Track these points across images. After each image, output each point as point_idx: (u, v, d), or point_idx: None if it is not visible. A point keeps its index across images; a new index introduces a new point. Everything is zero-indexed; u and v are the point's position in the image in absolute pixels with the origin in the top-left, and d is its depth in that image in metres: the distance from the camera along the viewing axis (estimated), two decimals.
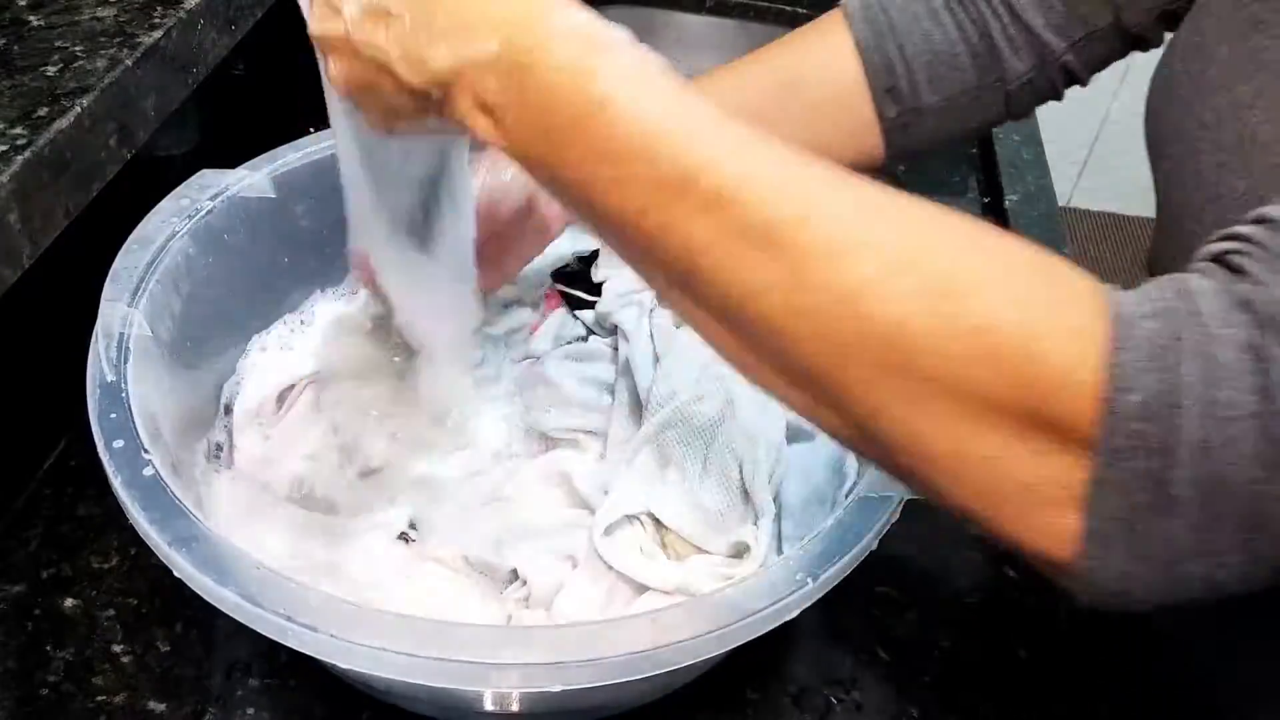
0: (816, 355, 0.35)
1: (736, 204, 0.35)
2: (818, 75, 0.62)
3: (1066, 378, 0.32)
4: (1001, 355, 0.32)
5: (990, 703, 0.61)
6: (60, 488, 0.68)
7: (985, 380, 0.33)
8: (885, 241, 0.34)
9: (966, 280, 0.33)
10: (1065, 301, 0.33)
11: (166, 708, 0.57)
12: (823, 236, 0.34)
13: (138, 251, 0.59)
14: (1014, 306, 0.33)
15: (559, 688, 0.44)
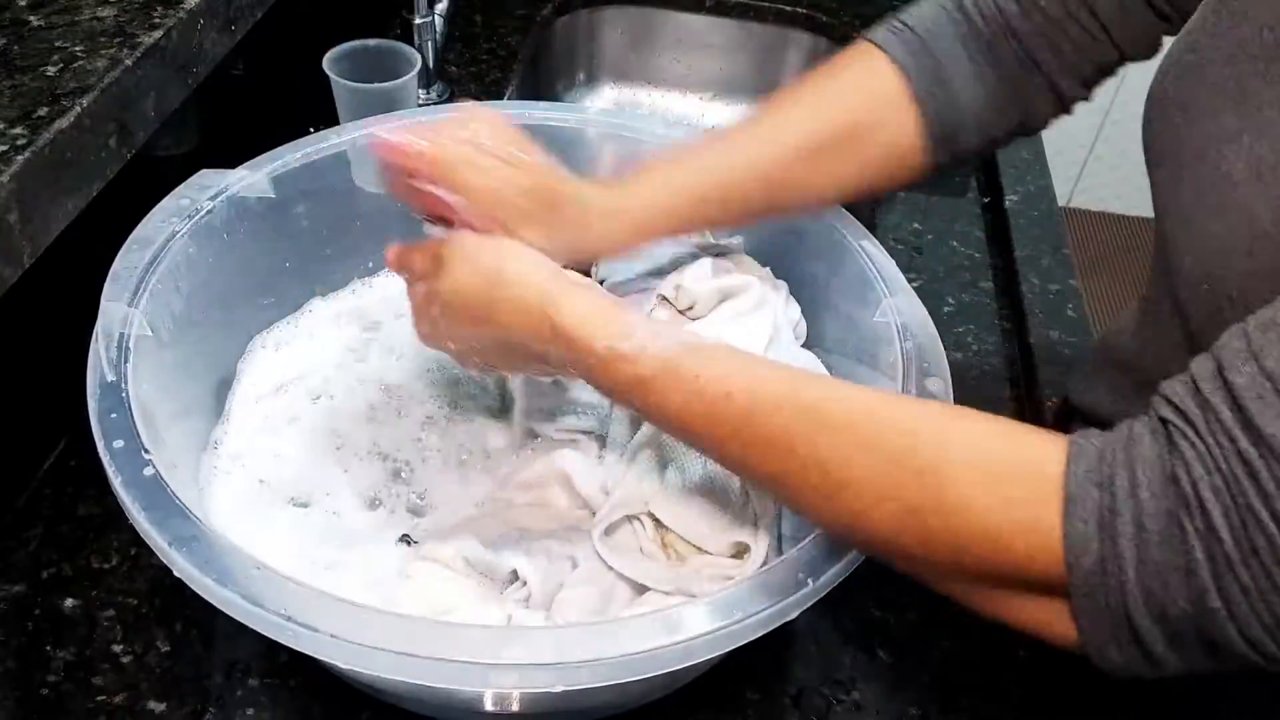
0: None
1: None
2: (876, 124, 0.63)
3: (1033, 560, 0.41)
4: (979, 553, 0.42)
5: (990, 703, 0.61)
6: (60, 488, 0.68)
7: (973, 569, 0.43)
8: (865, 479, 0.44)
9: (937, 497, 0.42)
10: (1021, 498, 0.41)
11: (166, 708, 0.57)
12: (813, 484, 0.46)
13: (138, 251, 0.59)
14: (979, 513, 0.42)
15: (559, 688, 0.44)
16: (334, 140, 0.70)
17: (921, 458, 0.43)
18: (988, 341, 0.87)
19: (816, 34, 1.30)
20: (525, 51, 1.18)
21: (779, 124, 0.64)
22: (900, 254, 0.93)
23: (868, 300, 0.64)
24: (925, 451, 0.44)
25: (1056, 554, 0.40)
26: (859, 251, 0.66)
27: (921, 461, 0.43)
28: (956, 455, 0.43)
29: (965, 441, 0.44)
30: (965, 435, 0.44)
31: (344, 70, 0.86)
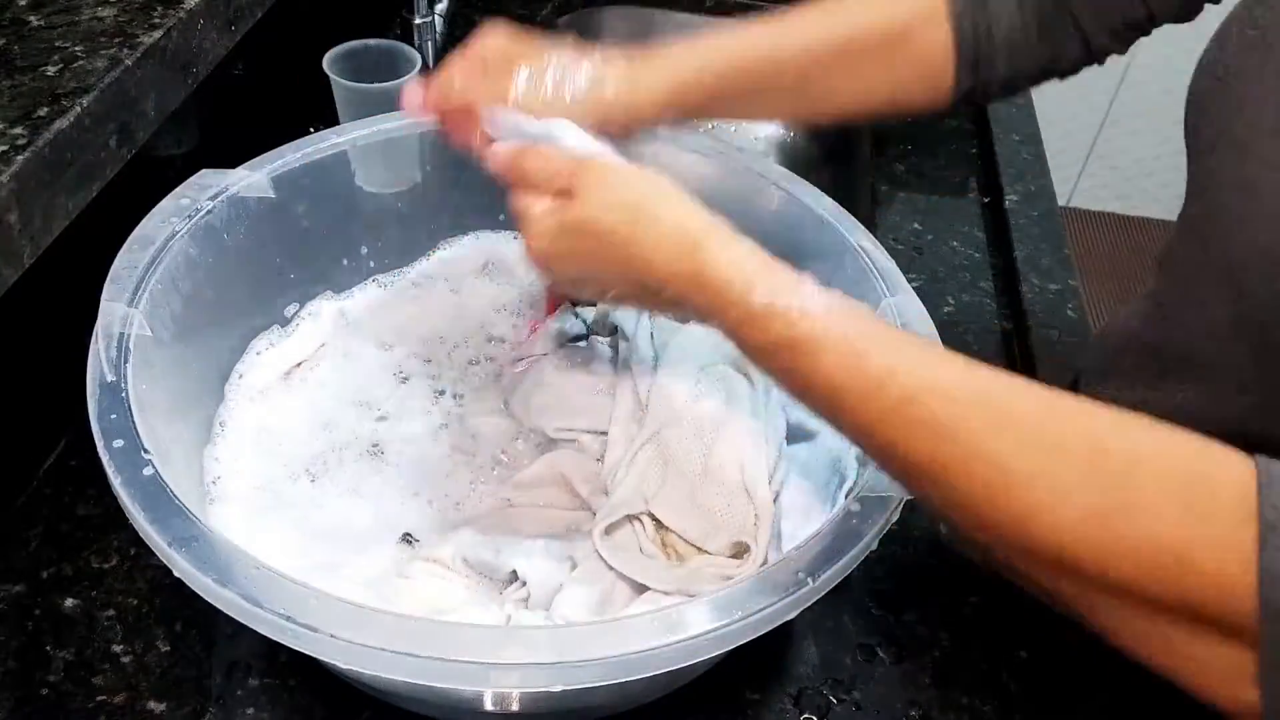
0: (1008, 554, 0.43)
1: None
2: (911, 34, 0.63)
3: (1221, 586, 0.37)
4: (1162, 569, 0.38)
5: (990, 703, 0.61)
6: (60, 488, 0.68)
7: (1151, 590, 0.38)
8: (1046, 475, 0.40)
9: (1126, 502, 0.39)
10: (1215, 512, 0.38)
11: (166, 708, 0.57)
12: (977, 476, 0.42)
13: (138, 251, 0.59)
14: (1169, 524, 0.38)
15: (559, 688, 0.43)
16: (334, 140, 0.70)
17: (1113, 459, 0.40)
18: (988, 342, 0.87)
19: None
20: None
21: (815, 18, 0.63)
22: (900, 254, 0.93)
23: (868, 300, 0.64)
24: (1116, 453, 0.40)
25: (1249, 583, 0.36)
26: (859, 251, 0.66)
27: (1113, 463, 0.40)
28: (1149, 461, 0.40)
29: (1157, 448, 0.40)
30: (1156, 442, 0.41)
31: (344, 70, 0.86)
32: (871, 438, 0.46)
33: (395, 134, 0.73)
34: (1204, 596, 0.38)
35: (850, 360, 0.45)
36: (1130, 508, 0.39)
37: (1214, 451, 0.40)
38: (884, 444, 0.45)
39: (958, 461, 0.42)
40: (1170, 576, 0.38)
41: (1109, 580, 0.40)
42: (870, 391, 0.44)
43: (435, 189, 0.78)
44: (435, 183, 0.78)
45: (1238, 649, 0.37)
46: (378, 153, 0.73)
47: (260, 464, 0.64)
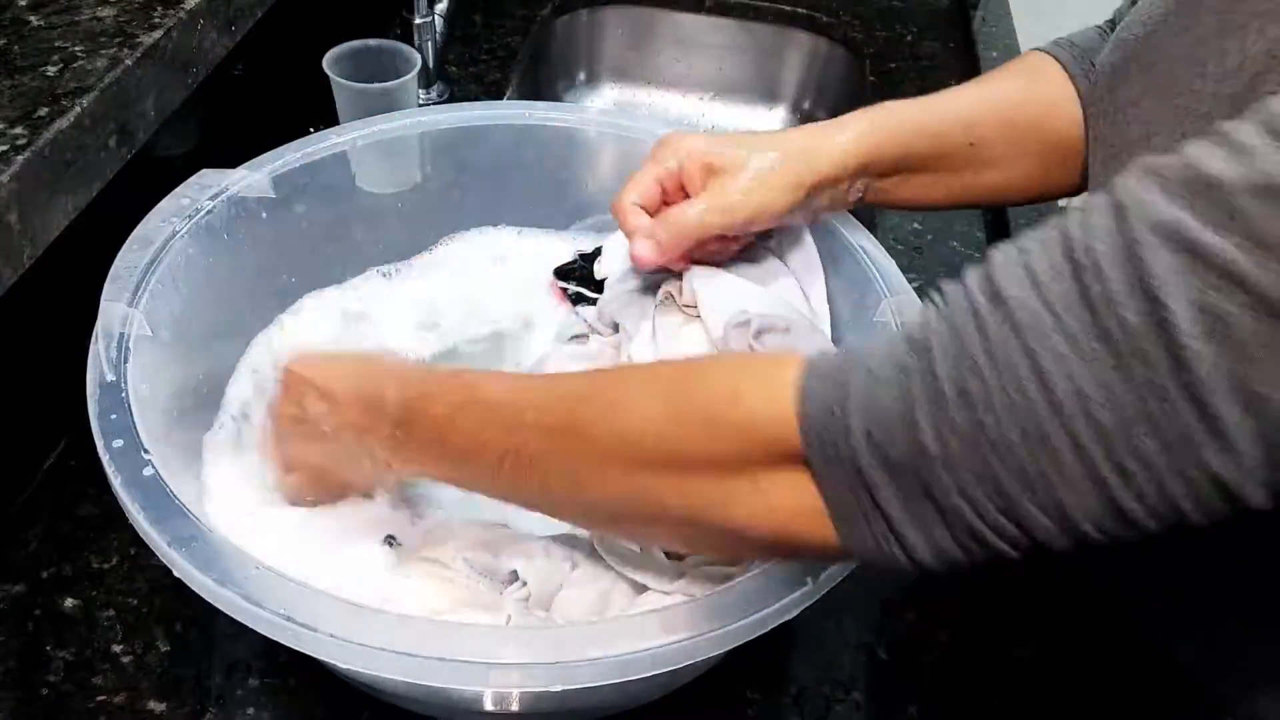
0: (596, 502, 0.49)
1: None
2: (1053, 115, 0.65)
3: (769, 420, 0.41)
4: (721, 415, 0.43)
5: (990, 703, 0.61)
6: (60, 488, 0.68)
7: (720, 442, 0.43)
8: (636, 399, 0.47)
9: (695, 391, 0.45)
10: (763, 370, 0.44)
11: (166, 708, 0.57)
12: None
13: (138, 251, 0.59)
14: (723, 378, 0.45)
15: (559, 688, 0.44)
16: (334, 140, 0.70)
17: (672, 370, 0.48)
18: None
19: (816, 34, 1.30)
20: (525, 51, 1.19)
21: (981, 91, 0.67)
22: (900, 254, 0.93)
23: (867, 300, 0.64)
24: (675, 366, 0.49)
25: (792, 407, 0.41)
26: (858, 251, 0.66)
27: (674, 372, 0.48)
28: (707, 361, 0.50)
29: (710, 367, 0.49)
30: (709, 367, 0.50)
31: (344, 70, 0.86)
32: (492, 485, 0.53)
33: (395, 134, 0.73)
34: (757, 430, 0.42)
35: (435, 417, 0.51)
36: (691, 388, 0.45)
37: None
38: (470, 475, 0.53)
39: (515, 429, 0.48)
40: (727, 418, 0.43)
41: (678, 453, 0.44)
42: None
43: (435, 189, 0.78)
44: (435, 183, 0.78)
45: (803, 479, 0.41)
46: (378, 153, 0.73)
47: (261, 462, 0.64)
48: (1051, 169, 0.65)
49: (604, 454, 0.46)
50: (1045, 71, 0.66)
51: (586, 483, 0.47)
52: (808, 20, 1.29)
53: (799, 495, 0.41)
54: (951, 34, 1.30)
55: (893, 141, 0.64)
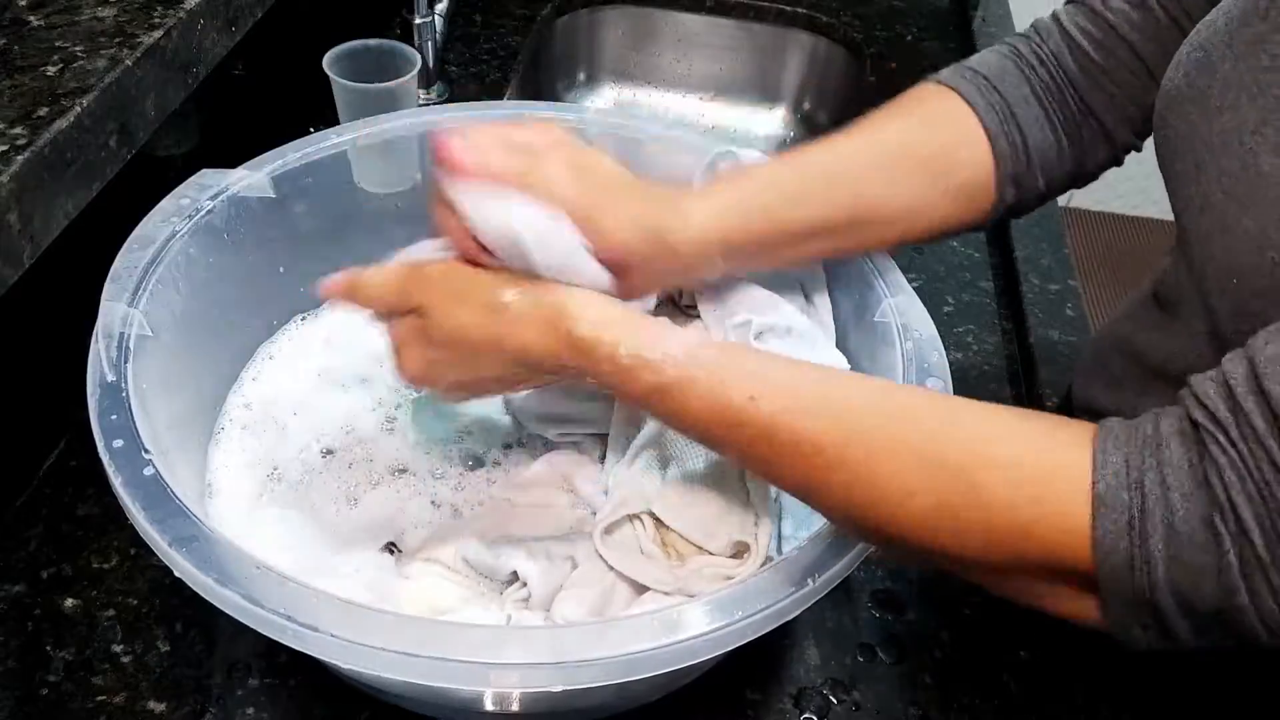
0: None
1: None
2: (955, 156, 0.63)
3: (1062, 555, 0.42)
4: (1008, 546, 0.43)
5: (990, 703, 0.61)
6: (60, 488, 0.68)
7: (1003, 560, 0.44)
8: (896, 475, 0.45)
9: (967, 493, 0.43)
10: (1051, 494, 0.42)
11: (166, 708, 0.57)
12: (842, 484, 0.46)
13: (138, 251, 0.59)
14: (1009, 510, 0.43)
15: (559, 688, 0.43)
16: (334, 140, 0.70)
17: (952, 454, 0.44)
18: (988, 341, 0.87)
19: (816, 34, 1.30)
20: (525, 51, 1.19)
21: (862, 144, 0.62)
22: (900, 254, 0.93)
23: (868, 300, 0.64)
24: (954, 447, 0.44)
25: (1085, 553, 0.41)
26: None
27: (953, 457, 0.44)
28: (986, 451, 0.44)
29: (993, 437, 0.44)
30: (994, 430, 0.45)
31: (344, 70, 0.86)
32: (749, 463, 0.50)
33: (395, 134, 0.73)
34: (1048, 563, 0.42)
35: (714, 397, 0.48)
36: (974, 498, 0.43)
37: (1054, 431, 0.44)
38: (760, 468, 0.50)
39: (820, 473, 0.46)
40: (1018, 551, 0.43)
41: (965, 556, 0.44)
42: (736, 423, 0.47)
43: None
44: None
45: (1083, 587, 0.42)
46: (378, 153, 0.73)
47: (261, 464, 0.64)
48: (958, 211, 0.63)
49: (860, 517, 0.46)
50: (944, 109, 0.63)
51: (859, 509, 0.47)
52: (808, 20, 1.30)
53: (1076, 598, 0.43)
54: (951, 34, 1.30)
55: (750, 229, 0.59)
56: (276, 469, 0.64)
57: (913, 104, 0.65)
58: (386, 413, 0.69)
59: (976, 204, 0.64)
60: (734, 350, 0.51)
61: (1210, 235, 0.51)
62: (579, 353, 0.50)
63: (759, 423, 0.47)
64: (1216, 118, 0.51)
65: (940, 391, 0.56)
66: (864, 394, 0.48)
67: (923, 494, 0.44)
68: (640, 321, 0.51)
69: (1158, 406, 0.42)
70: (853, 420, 0.46)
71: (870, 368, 0.63)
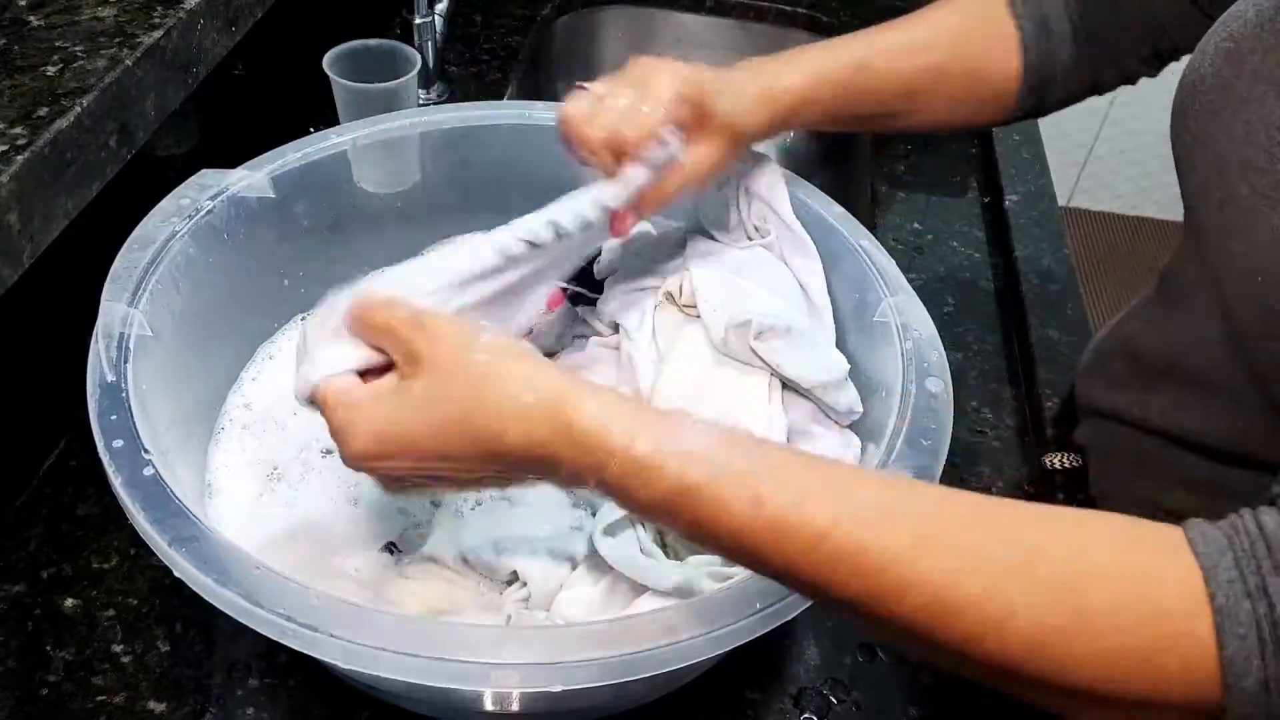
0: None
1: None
2: (989, 58, 0.68)
3: (1187, 680, 0.37)
4: (1124, 672, 0.37)
5: (990, 703, 0.61)
6: (60, 488, 0.68)
7: (1116, 690, 0.37)
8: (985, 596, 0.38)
9: (1076, 613, 0.37)
10: (1167, 610, 0.37)
11: (166, 708, 0.57)
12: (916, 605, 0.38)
13: (138, 251, 0.59)
14: (1124, 630, 0.37)
15: (559, 688, 0.43)
16: (334, 140, 0.70)
17: (1054, 568, 0.38)
18: (988, 341, 0.87)
19: (816, 34, 1.30)
20: (525, 51, 1.18)
21: (912, 38, 0.68)
22: (900, 254, 0.93)
23: (867, 300, 0.64)
24: (1056, 560, 0.38)
25: (1213, 675, 0.36)
26: (859, 251, 0.66)
27: (1055, 572, 0.38)
28: (1091, 563, 0.38)
29: (1095, 547, 0.39)
30: (1092, 539, 0.39)
31: (344, 70, 0.86)
32: (796, 579, 0.41)
33: (395, 134, 0.73)
34: (1170, 691, 0.37)
35: (753, 503, 0.40)
36: (1081, 618, 0.37)
37: (1151, 537, 0.39)
38: (809, 583, 0.41)
39: (889, 592, 0.39)
40: (1134, 678, 0.37)
41: (1071, 686, 0.38)
42: (783, 533, 0.40)
43: (435, 189, 0.78)
44: (435, 183, 0.78)
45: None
46: (378, 153, 0.73)
47: (261, 464, 0.64)
48: (982, 108, 0.70)
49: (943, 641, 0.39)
50: (990, 16, 0.68)
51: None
52: (808, 20, 1.29)
53: None
54: None
55: (823, 94, 0.65)
56: (276, 469, 0.64)
57: (962, 5, 0.70)
58: None
59: (1001, 104, 0.69)
60: (767, 448, 0.43)
61: (1231, 231, 0.50)
62: (581, 447, 0.42)
63: (809, 533, 0.39)
64: (1241, 110, 0.50)
65: (940, 392, 0.56)
66: (930, 495, 0.42)
67: (1024, 614, 0.37)
68: (655, 413, 0.43)
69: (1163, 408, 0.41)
70: (924, 526, 0.39)
71: (870, 367, 0.63)
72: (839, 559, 0.39)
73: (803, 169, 0.72)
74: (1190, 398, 0.58)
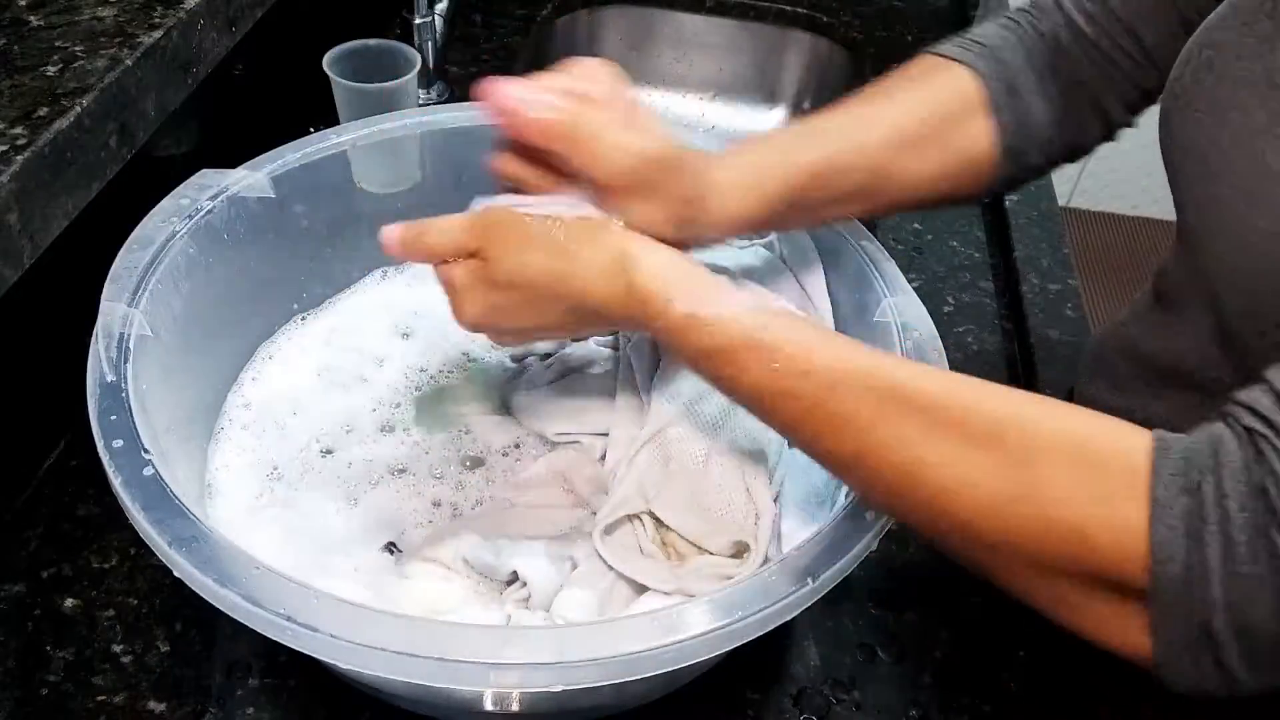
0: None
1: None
2: (960, 127, 0.63)
3: (1117, 560, 0.40)
4: (1063, 545, 0.41)
5: (990, 703, 0.61)
6: (60, 488, 0.68)
7: (1054, 561, 0.42)
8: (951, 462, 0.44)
9: (1027, 486, 0.42)
10: (1110, 493, 0.41)
11: (166, 708, 0.57)
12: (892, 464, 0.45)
13: (138, 251, 0.59)
14: (1068, 507, 0.41)
15: (559, 688, 0.43)
16: (334, 140, 0.70)
17: (1011, 443, 0.43)
18: (988, 341, 0.87)
19: (816, 34, 1.30)
20: (525, 51, 1.18)
21: (877, 112, 0.63)
22: (900, 254, 0.93)
23: (867, 300, 0.64)
24: (1015, 437, 0.43)
25: (1142, 556, 0.39)
26: (858, 251, 0.66)
27: (1012, 447, 0.43)
28: (1047, 443, 0.42)
29: (1055, 429, 0.43)
30: (1054, 423, 0.43)
31: (344, 70, 0.86)
32: (797, 433, 0.49)
33: (395, 134, 0.73)
34: (1102, 567, 0.41)
35: (768, 363, 0.47)
36: (1031, 492, 0.42)
37: (1114, 431, 0.43)
38: (809, 439, 0.48)
39: (873, 450, 0.45)
40: (1071, 551, 0.41)
41: (1015, 554, 0.43)
42: (789, 392, 0.47)
43: (435, 189, 0.78)
44: (435, 183, 0.78)
45: (1133, 606, 0.41)
46: (378, 153, 0.73)
47: (261, 464, 0.64)
48: (960, 181, 0.64)
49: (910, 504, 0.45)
50: (951, 83, 0.64)
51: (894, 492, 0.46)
52: (808, 20, 1.29)
53: (1124, 621, 0.41)
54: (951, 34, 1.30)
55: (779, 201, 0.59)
56: (276, 469, 0.64)
57: (921, 77, 0.65)
58: (386, 413, 0.69)
59: (976, 175, 0.65)
60: (794, 320, 0.50)
61: (1218, 234, 0.50)
62: (636, 304, 0.50)
63: (812, 394, 0.46)
64: (1225, 116, 0.50)
65: None
66: (921, 375, 0.47)
67: (983, 483, 0.43)
68: (700, 278, 0.50)
69: (1168, 411, 0.42)
70: (909, 400, 0.45)
71: None
72: (836, 419, 0.46)
73: None
74: (1192, 399, 0.58)
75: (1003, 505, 0.42)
